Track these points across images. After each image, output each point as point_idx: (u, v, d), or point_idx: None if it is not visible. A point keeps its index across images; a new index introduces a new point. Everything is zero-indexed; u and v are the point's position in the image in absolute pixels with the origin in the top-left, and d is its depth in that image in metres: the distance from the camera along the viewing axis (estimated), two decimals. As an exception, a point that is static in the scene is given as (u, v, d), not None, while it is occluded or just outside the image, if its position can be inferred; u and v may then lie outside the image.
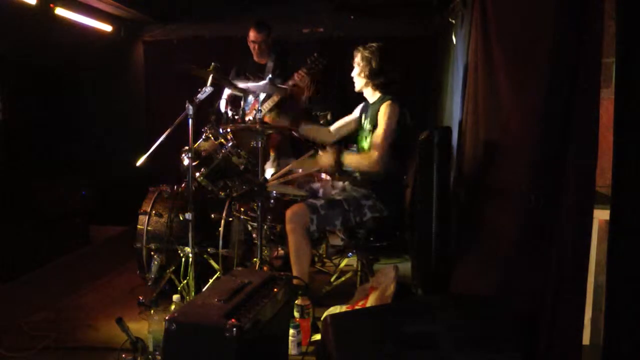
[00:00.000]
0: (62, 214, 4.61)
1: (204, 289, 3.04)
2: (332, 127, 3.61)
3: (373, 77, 3.23)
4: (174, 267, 3.35)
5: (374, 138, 3.16)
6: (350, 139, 3.70)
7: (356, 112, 3.49)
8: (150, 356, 2.57)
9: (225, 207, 3.50)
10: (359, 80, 3.30)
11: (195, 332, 1.88)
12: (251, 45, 4.37)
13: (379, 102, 3.22)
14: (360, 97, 3.42)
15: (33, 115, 4.56)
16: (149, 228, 3.50)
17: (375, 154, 3.11)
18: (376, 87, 3.26)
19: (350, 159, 3.22)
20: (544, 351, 1.95)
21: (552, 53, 2.07)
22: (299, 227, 3.08)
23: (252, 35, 4.32)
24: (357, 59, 3.27)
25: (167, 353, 1.93)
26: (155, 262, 3.41)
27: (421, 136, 2.98)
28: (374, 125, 3.20)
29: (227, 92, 4.34)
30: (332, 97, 4.87)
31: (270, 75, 4.33)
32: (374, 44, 3.24)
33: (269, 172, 4.20)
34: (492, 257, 2.60)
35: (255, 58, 4.43)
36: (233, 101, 4.31)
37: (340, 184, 3.48)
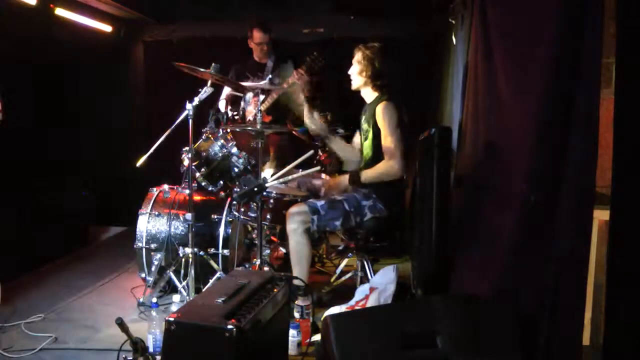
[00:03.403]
0: (62, 214, 4.60)
1: (204, 289, 3.04)
2: (354, 143, 3.58)
3: (375, 78, 3.23)
4: (174, 267, 3.35)
5: (384, 144, 3.14)
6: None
7: None
8: (150, 356, 2.57)
9: (225, 207, 3.50)
10: (358, 79, 3.30)
11: (195, 332, 1.88)
12: (257, 47, 4.37)
13: (376, 102, 3.23)
14: (358, 97, 3.42)
15: (33, 115, 4.55)
16: (149, 228, 3.50)
17: (393, 161, 3.11)
18: (377, 87, 3.26)
19: (370, 175, 3.20)
20: (544, 351, 1.95)
21: (552, 53, 2.07)
22: (300, 227, 3.08)
23: (258, 36, 4.32)
24: (358, 57, 3.26)
25: (167, 353, 1.92)
26: (155, 262, 3.41)
27: (421, 136, 2.98)
28: (372, 125, 3.20)
29: (225, 91, 4.34)
30: (332, 98, 4.87)
31: (270, 75, 4.33)
32: (375, 44, 3.24)
33: (268, 172, 4.20)
34: (492, 257, 2.60)
35: (257, 58, 4.43)
36: (233, 101, 4.32)
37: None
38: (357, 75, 3.29)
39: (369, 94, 3.32)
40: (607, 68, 1.95)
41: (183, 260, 3.26)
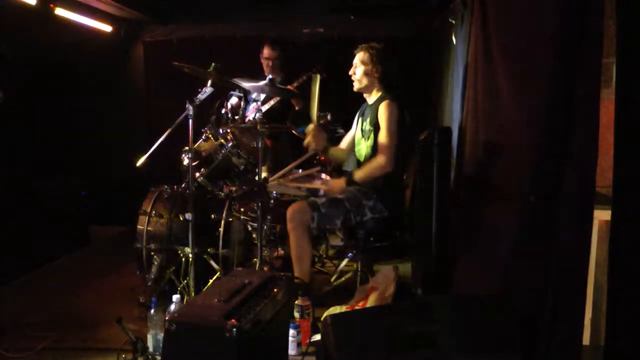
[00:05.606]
0: (62, 214, 4.60)
1: (204, 289, 3.04)
2: (342, 144, 3.56)
3: (383, 78, 3.22)
4: (174, 267, 3.35)
5: (379, 140, 3.13)
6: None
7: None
8: (150, 356, 2.57)
9: (225, 208, 3.49)
10: (364, 80, 3.25)
11: (195, 333, 1.88)
12: (264, 62, 4.45)
13: (378, 102, 3.22)
14: (358, 97, 3.41)
15: (33, 115, 4.56)
16: (149, 228, 3.50)
17: (383, 157, 3.09)
18: (383, 88, 3.25)
19: (361, 174, 3.18)
20: (544, 351, 1.95)
21: (552, 53, 2.07)
22: (300, 225, 3.07)
23: (266, 52, 4.43)
24: (363, 58, 3.22)
25: (167, 353, 1.93)
26: (155, 263, 3.41)
27: (421, 136, 2.98)
28: (374, 126, 3.20)
29: (233, 100, 4.31)
30: (332, 98, 4.87)
31: (270, 76, 4.33)
32: (377, 45, 3.23)
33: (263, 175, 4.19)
34: (492, 257, 2.60)
35: (266, 74, 4.46)
36: (233, 107, 4.31)
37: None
38: (363, 76, 3.24)
39: (372, 95, 3.31)
40: (607, 68, 1.95)
41: (183, 260, 3.26)
